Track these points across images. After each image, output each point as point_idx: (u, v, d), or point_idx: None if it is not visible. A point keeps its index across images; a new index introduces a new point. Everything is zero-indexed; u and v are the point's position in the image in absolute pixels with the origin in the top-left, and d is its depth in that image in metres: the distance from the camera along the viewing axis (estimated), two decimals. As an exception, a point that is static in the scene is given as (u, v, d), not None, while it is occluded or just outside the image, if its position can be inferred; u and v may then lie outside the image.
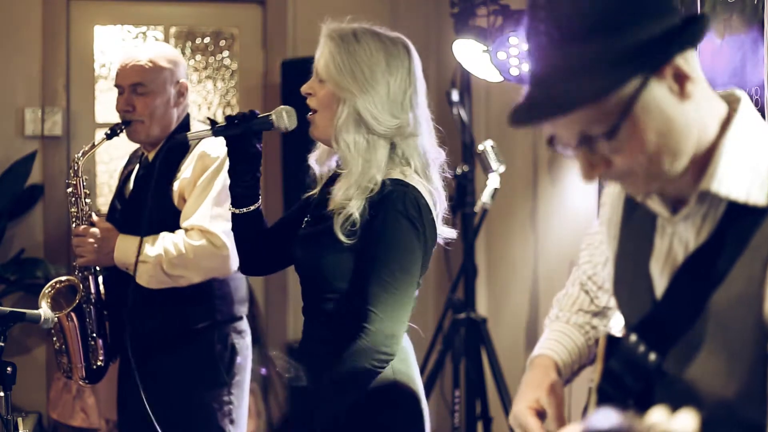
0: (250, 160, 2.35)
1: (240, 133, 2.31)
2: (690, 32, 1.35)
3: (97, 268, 3.02)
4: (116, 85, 3.08)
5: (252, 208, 2.38)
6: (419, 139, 2.28)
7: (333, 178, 2.36)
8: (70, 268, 4.86)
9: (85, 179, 3.04)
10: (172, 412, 2.84)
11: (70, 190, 3.03)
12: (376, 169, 2.23)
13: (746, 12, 2.50)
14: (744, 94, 1.45)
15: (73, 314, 2.96)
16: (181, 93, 3.07)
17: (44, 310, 2.37)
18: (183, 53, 5.29)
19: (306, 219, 2.37)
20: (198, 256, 2.88)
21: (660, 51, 1.32)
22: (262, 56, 5.25)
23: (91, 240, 2.95)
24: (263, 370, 2.77)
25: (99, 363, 3.01)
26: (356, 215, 2.19)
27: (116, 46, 5.25)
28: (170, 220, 2.96)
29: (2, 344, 2.24)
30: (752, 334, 1.34)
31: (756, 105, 2.47)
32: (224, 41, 5.30)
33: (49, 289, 2.97)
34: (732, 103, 1.44)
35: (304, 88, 2.31)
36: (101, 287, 3.02)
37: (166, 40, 5.27)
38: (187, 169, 2.97)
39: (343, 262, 2.23)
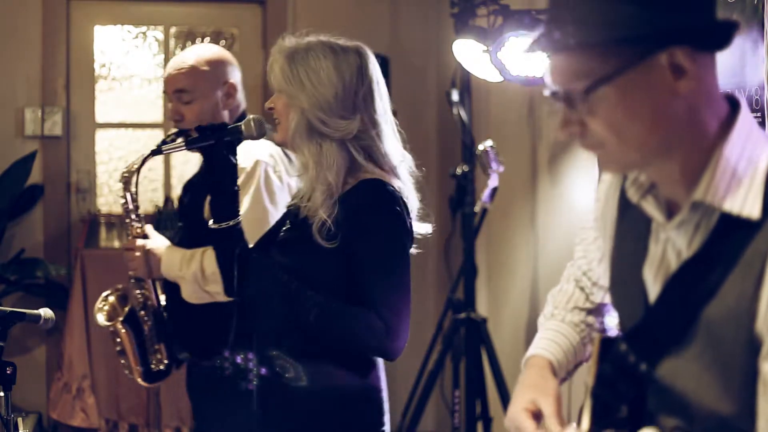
0: (226, 172, 2.34)
1: (214, 143, 2.31)
2: (700, 34, 1.35)
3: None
4: (164, 93, 3.07)
5: (231, 223, 2.36)
6: (380, 139, 2.31)
7: None
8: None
9: (135, 193, 3.00)
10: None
11: (123, 203, 2.99)
12: (332, 172, 2.26)
13: (746, 12, 2.50)
14: (742, 99, 1.44)
15: (124, 323, 2.95)
16: (230, 94, 3.01)
17: (44, 310, 2.36)
18: (183, 53, 5.30)
19: (286, 226, 2.40)
20: None
21: (660, 37, 1.33)
22: (262, 56, 5.24)
23: (138, 253, 2.93)
24: (263, 370, 2.76)
25: (161, 367, 2.99)
26: (328, 219, 2.22)
27: (116, 46, 5.26)
28: (204, 234, 2.93)
29: (2, 344, 2.24)
30: (744, 351, 1.32)
31: (756, 105, 2.47)
32: (224, 41, 5.31)
33: (102, 303, 2.96)
34: (730, 108, 1.42)
35: (268, 103, 2.37)
36: (160, 294, 3.01)
37: (166, 40, 5.27)
38: None
39: (327, 266, 2.26)
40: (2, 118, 5.01)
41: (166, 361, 2.98)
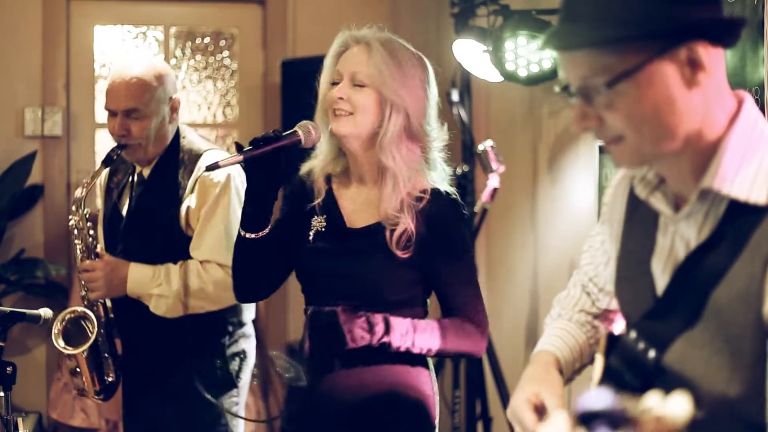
0: (274, 181, 2.25)
1: (272, 152, 2.20)
2: (717, 28, 1.36)
3: None
4: (108, 109, 2.95)
5: (264, 232, 2.29)
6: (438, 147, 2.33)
7: (330, 187, 2.37)
8: (72, 297, 4.87)
9: (88, 212, 2.97)
10: (185, 416, 2.91)
11: (72, 224, 2.96)
12: (423, 178, 2.27)
13: (746, 12, 2.50)
14: (748, 95, 1.46)
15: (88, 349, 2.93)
16: (175, 109, 2.98)
17: (44, 310, 2.36)
18: (183, 53, 5.30)
19: (316, 230, 2.33)
20: (218, 290, 2.85)
21: (679, 31, 1.34)
22: (262, 56, 5.25)
23: (100, 273, 2.90)
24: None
25: (110, 379, 2.99)
26: (411, 228, 2.22)
27: (116, 46, 5.26)
28: (179, 246, 2.92)
29: (2, 344, 2.24)
30: (752, 332, 1.34)
31: (756, 105, 2.47)
32: (224, 41, 5.31)
33: (60, 324, 2.90)
34: (738, 103, 1.45)
35: (338, 93, 2.26)
36: (109, 307, 3.00)
37: (166, 40, 5.27)
38: (190, 197, 2.92)
39: (399, 275, 2.25)
40: (2, 118, 5.01)
41: (113, 374, 3.00)
